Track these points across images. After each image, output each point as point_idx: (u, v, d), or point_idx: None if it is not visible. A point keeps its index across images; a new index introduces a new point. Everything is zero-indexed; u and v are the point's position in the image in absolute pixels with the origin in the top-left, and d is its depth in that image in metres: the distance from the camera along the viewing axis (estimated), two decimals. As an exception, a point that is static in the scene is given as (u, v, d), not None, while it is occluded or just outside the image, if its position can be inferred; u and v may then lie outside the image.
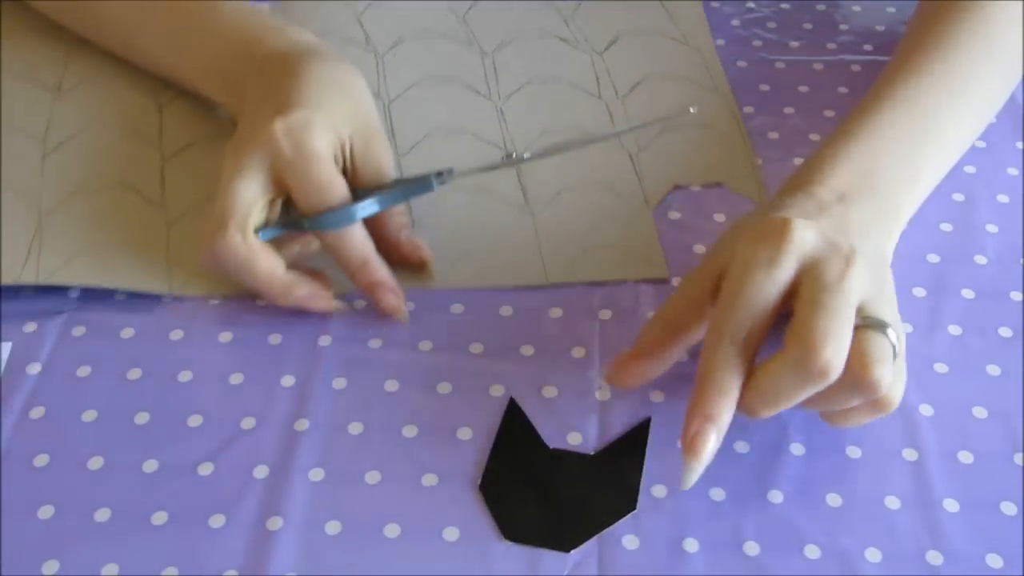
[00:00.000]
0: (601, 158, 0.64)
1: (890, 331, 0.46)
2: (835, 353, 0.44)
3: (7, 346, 0.55)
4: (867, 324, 0.46)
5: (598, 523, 0.48)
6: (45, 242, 0.59)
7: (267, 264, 0.54)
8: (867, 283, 0.47)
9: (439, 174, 0.56)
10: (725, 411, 0.46)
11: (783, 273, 0.46)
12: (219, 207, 0.54)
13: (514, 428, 0.52)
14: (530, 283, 0.58)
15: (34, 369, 0.55)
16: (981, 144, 0.65)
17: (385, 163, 0.58)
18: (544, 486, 0.50)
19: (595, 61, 0.71)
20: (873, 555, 0.47)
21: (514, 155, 0.57)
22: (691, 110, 0.59)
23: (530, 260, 0.59)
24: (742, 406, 0.46)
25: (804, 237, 0.47)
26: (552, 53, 0.72)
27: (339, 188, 0.55)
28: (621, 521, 0.48)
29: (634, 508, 0.49)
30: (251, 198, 0.54)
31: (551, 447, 0.51)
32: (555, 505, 0.49)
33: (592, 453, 0.51)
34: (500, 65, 0.71)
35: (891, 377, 0.46)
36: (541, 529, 0.48)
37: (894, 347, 0.46)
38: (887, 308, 0.48)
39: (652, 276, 0.58)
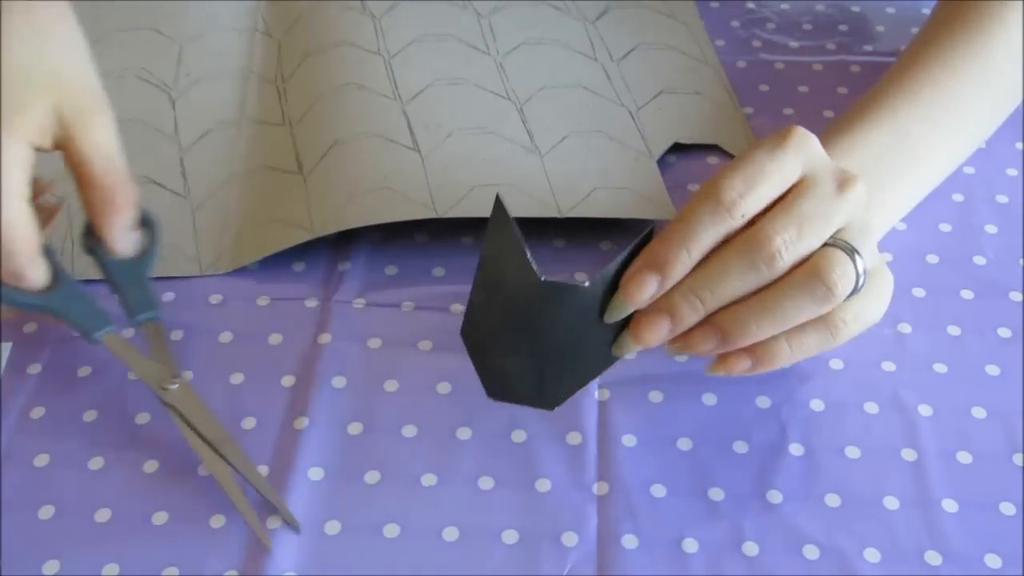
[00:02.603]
0: (603, 113, 0.66)
1: (858, 259, 0.46)
2: (786, 245, 0.45)
3: (7, 346, 0.56)
4: (837, 244, 0.46)
5: (584, 374, 0.47)
6: (77, 242, 0.59)
7: None
8: (857, 214, 0.47)
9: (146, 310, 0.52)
10: (675, 264, 0.45)
11: (786, 159, 0.46)
12: None
13: (501, 248, 0.46)
14: (544, 215, 0.59)
15: (34, 369, 0.55)
16: (981, 144, 0.65)
17: (104, 149, 0.51)
18: (530, 330, 0.47)
19: (588, 28, 0.72)
20: (872, 555, 0.47)
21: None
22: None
23: (542, 196, 0.60)
24: (687, 280, 0.46)
25: (813, 143, 0.47)
26: (546, 18, 0.73)
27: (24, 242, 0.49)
28: (620, 520, 0.48)
29: (614, 360, 0.48)
30: None
31: (540, 276, 0.45)
32: (543, 354, 0.47)
33: (585, 284, 0.46)
34: (496, 26, 0.72)
35: (844, 290, 0.45)
36: (526, 385, 0.47)
37: (859, 276, 0.46)
38: (866, 248, 0.47)
39: (659, 217, 0.59)
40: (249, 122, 0.66)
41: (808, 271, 0.45)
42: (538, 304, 0.46)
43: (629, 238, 0.60)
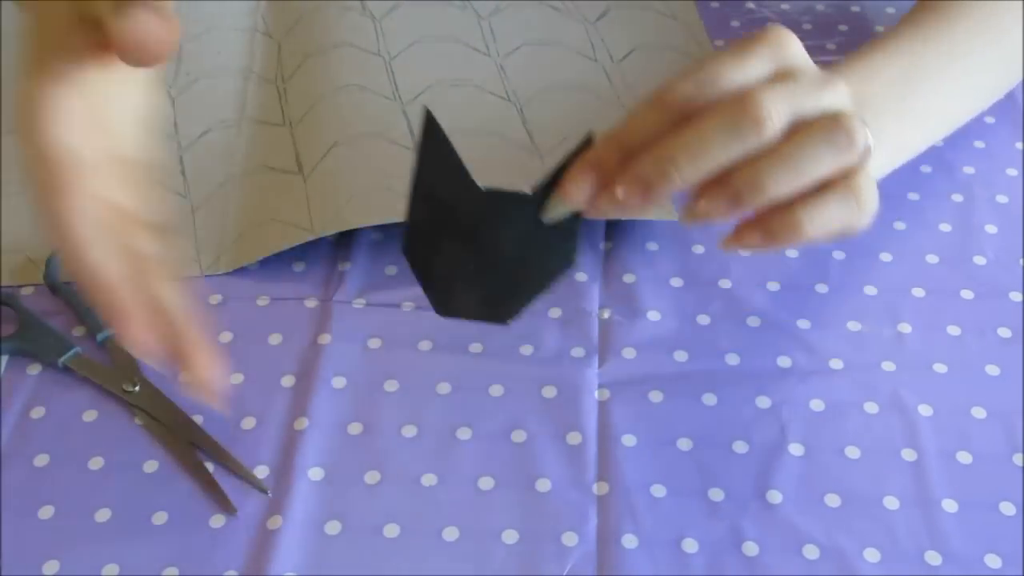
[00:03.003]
0: (603, 114, 0.66)
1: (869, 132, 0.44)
2: (776, 107, 0.42)
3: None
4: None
5: (537, 284, 0.45)
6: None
7: None
8: (846, 104, 0.44)
9: None
10: (612, 160, 0.43)
11: (750, 60, 0.43)
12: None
13: (435, 160, 0.44)
14: None
15: (34, 369, 0.55)
16: (980, 144, 0.66)
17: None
18: (476, 242, 0.45)
19: (588, 29, 0.72)
20: (872, 555, 0.47)
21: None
22: None
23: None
24: (657, 145, 0.43)
25: (789, 42, 0.44)
26: (546, 19, 0.73)
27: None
28: (620, 521, 0.48)
29: (573, 262, 0.45)
30: None
31: (481, 187, 0.44)
32: (490, 265, 0.45)
33: (528, 193, 0.44)
34: (497, 28, 0.72)
35: (864, 140, 0.43)
36: (476, 299, 0.45)
37: (868, 146, 0.44)
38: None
39: (659, 217, 0.59)
40: (249, 122, 0.67)
41: (825, 120, 0.42)
42: (480, 214, 0.45)
43: (628, 237, 0.60)
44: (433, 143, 0.44)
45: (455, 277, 0.45)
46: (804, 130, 0.43)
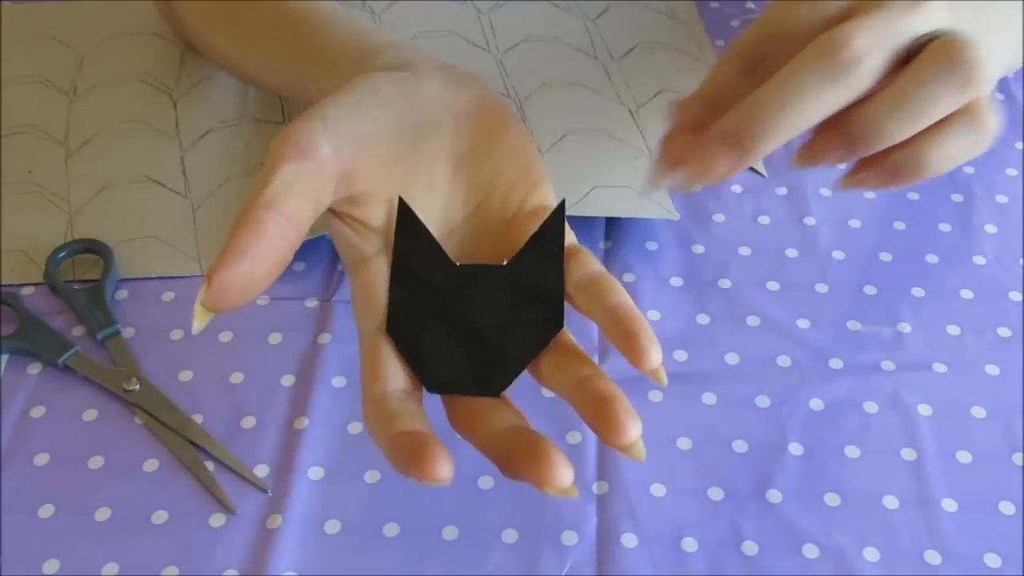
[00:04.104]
0: (603, 112, 0.66)
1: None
2: (865, 42, 0.39)
3: (8, 346, 0.56)
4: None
5: (525, 351, 0.45)
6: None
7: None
8: (943, 21, 0.41)
9: None
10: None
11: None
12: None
13: (411, 243, 0.46)
14: None
15: (34, 369, 0.55)
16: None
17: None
18: (459, 316, 0.45)
19: (588, 27, 0.73)
20: (871, 554, 0.47)
21: None
22: None
23: None
24: (758, 113, 0.41)
25: None
26: (546, 16, 0.73)
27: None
28: (619, 520, 0.48)
29: (561, 326, 0.44)
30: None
31: (456, 263, 0.46)
32: (475, 337, 0.45)
33: (503, 263, 0.46)
34: (497, 23, 0.72)
35: (983, 73, 0.40)
36: (464, 372, 0.45)
37: (986, 72, 0.41)
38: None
39: (659, 216, 0.59)
40: (250, 121, 0.67)
41: (937, 53, 0.40)
42: (457, 289, 0.46)
43: (628, 237, 0.60)
44: (408, 227, 0.46)
45: (441, 353, 0.45)
46: (917, 67, 0.40)
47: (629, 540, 0.48)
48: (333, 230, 0.48)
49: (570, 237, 0.47)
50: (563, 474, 0.39)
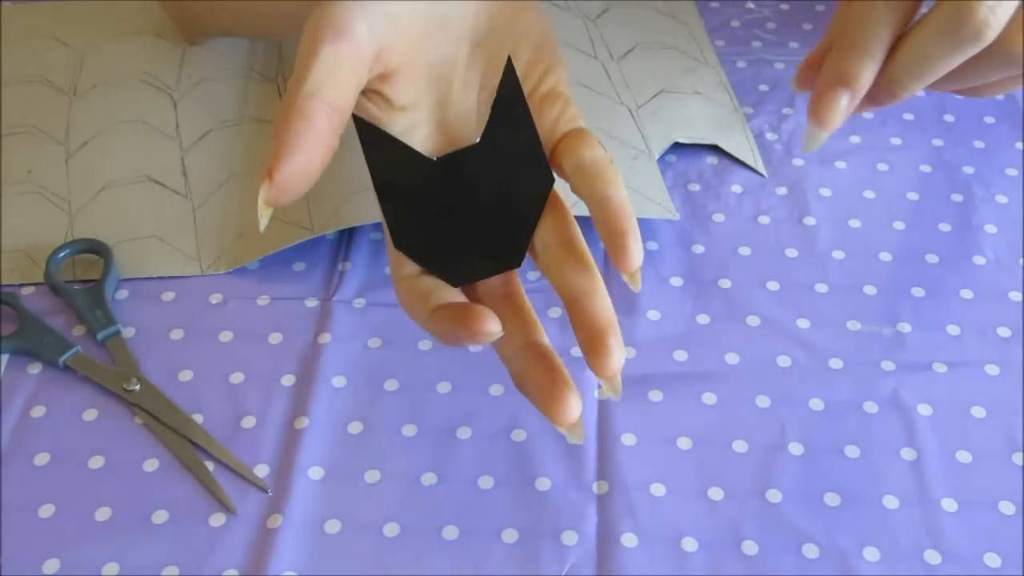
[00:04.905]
0: (603, 112, 0.66)
1: None
2: (991, 11, 0.41)
3: (8, 345, 0.56)
4: None
5: (528, 215, 0.45)
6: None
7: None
8: None
9: None
10: (864, 73, 0.44)
11: None
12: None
13: (383, 155, 0.46)
14: None
15: (34, 368, 0.55)
16: (980, 144, 0.66)
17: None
18: (454, 206, 0.46)
19: (588, 26, 0.73)
20: (871, 554, 0.47)
21: None
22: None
23: None
24: (883, 77, 0.44)
25: None
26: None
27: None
28: (619, 519, 0.48)
29: (551, 180, 0.45)
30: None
31: (432, 158, 0.46)
32: (477, 220, 0.45)
33: (476, 142, 0.46)
34: None
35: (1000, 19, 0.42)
36: (481, 256, 0.45)
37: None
38: None
39: (660, 216, 0.60)
40: (250, 121, 0.67)
41: (1004, 45, 0.43)
42: (443, 180, 0.46)
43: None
44: (374, 141, 0.46)
45: (451, 247, 0.45)
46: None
47: (629, 540, 0.48)
48: (358, 107, 0.47)
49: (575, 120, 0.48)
50: (570, 413, 0.42)
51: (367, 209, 0.58)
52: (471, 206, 0.46)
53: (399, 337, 0.56)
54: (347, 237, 0.61)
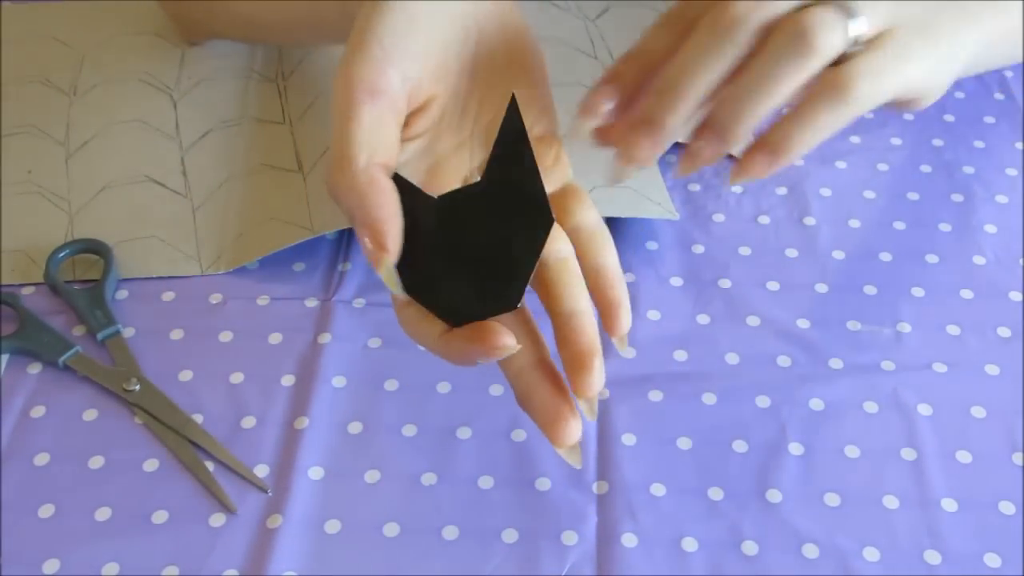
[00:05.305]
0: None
1: (853, 17, 0.43)
2: (744, 5, 0.43)
3: (8, 346, 0.56)
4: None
5: (527, 254, 0.44)
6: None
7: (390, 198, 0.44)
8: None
9: None
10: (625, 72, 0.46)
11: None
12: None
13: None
14: None
15: (34, 369, 0.55)
16: (980, 144, 0.66)
17: None
18: (455, 246, 0.45)
19: (588, 27, 0.73)
20: (871, 554, 0.47)
21: None
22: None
23: None
24: (654, 82, 0.45)
25: None
26: (547, 16, 0.73)
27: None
28: (620, 520, 0.48)
29: (551, 220, 0.44)
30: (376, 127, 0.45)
31: (431, 196, 0.46)
32: (477, 260, 0.45)
33: (478, 179, 0.46)
34: None
35: (828, 40, 0.43)
36: (480, 296, 0.45)
37: (850, 21, 0.43)
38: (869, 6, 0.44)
39: (660, 216, 0.60)
40: (249, 120, 0.67)
41: (783, 28, 0.43)
42: (444, 220, 0.45)
43: (628, 237, 0.60)
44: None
45: (452, 288, 0.45)
46: (769, 44, 0.43)
47: (629, 540, 0.48)
48: None
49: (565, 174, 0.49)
50: (571, 435, 0.44)
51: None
52: (471, 245, 0.45)
53: (399, 337, 0.55)
54: (347, 237, 0.61)
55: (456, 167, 0.48)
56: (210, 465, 0.51)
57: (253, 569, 0.47)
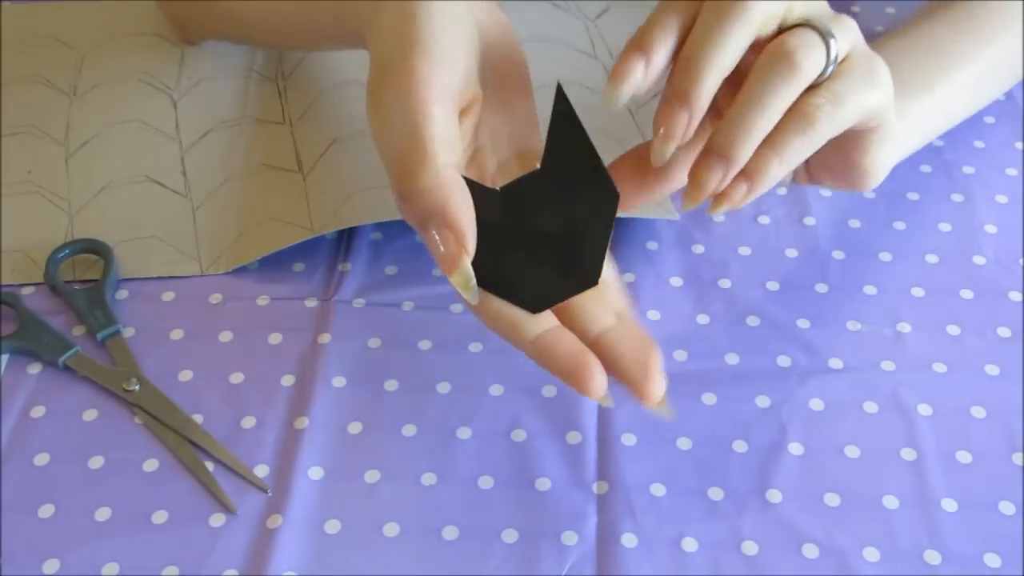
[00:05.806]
0: (602, 112, 0.65)
1: (830, 39, 0.45)
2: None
3: (8, 346, 0.56)
4: (803, 24, 0.45)
5: (599, 232, 0.45)
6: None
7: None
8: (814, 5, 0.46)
9: None
10: (658, 47, 0.46)
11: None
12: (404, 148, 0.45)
13: None
14: None
15: (34, 368, 0.55)
16: (980, 144, 0.66)
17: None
18: (525, 234, 0.46)
19: (588, 27, 0.73)
20: (871, 554, 0.47)
21: None
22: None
23: None
24: (676, 67, 0.46)
25: None
26: (547, 16, 0.73)
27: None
28: (619, 520, 0.48)
29: (617, 194, 0.45)
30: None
31: (495, 188, 0.46)
32: (550, 244, 0.46)
33: (537, 167, 0.46)
34: None
35: (818, 62, 0.45)
36: (559, 279, 0.46)
37: (829, 49, 0.45)
38: (839, 31, 0.46)
39: (659, 216, 0.60)
40: (249, 120, 0.67)
41: (770, 50, 0.45)
42: (510, 210, 0.46)
43: (628, 237, 0.60)
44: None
45: (528, 275, 0.45)
46: (757, 66, 0.45)
47: (629, 540, 0.48)
48: None
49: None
50: (597, 386, 0.44)
51: (367, 209, 0.58)
52: (541, 231, 0.46)
53: (399, 337, 0.56)
54: (347, 237, 0.61)
55: (479, 165, 0.49)
56: (210, 465, 0.51)
57: (253, 569, 0.47)
